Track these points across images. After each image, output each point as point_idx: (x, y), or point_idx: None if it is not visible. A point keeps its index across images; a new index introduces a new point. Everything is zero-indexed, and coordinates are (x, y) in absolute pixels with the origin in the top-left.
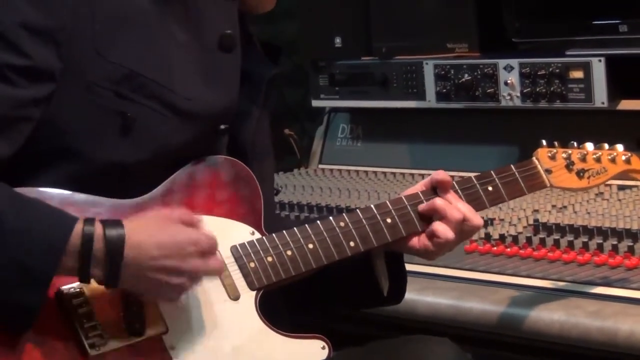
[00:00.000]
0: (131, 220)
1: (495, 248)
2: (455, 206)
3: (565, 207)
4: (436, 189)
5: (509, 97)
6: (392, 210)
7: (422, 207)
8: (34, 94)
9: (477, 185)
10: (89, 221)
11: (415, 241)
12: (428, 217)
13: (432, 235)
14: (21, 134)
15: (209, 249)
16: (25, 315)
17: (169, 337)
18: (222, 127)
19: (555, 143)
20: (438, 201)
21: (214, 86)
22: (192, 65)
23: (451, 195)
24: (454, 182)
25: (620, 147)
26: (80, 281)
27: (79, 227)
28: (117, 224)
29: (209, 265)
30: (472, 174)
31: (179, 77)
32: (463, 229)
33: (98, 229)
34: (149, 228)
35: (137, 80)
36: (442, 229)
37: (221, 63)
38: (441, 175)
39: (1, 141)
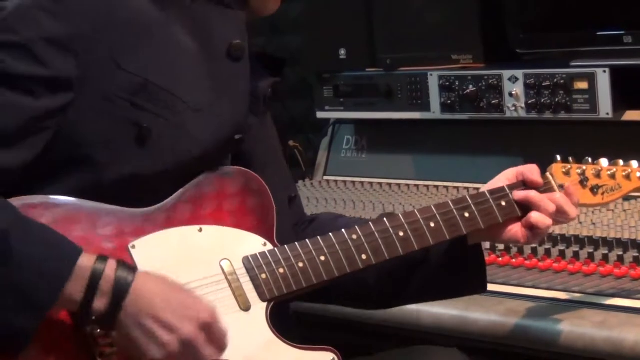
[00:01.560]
0: (146, 273)
1: (500, 259)
2: (550, 197)
3: None
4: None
5: (513, 108)
6: (405, 224)
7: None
8: (53, 104)
9: (491, 200)
10: (102, 258)
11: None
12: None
13: (532, 227)
14: (39, 143)
15: (210, 327)
16: (18, 339)
17: None
18: (237, 137)
19: (570, 159)
20: (532, 193)
21: (225, 95)
22: (201, 75)
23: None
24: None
25: (635, 164)
26: (80, 314)
27: (89, 261)
28: (130, 269)
29: (204, 345)
30: (477, 186)
31: (189, 88)
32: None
33: (110, 267)
34: (161, 285)
35: (151, 89)
36: (540, 219)
37: (230, 72)
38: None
39: (20, 150)
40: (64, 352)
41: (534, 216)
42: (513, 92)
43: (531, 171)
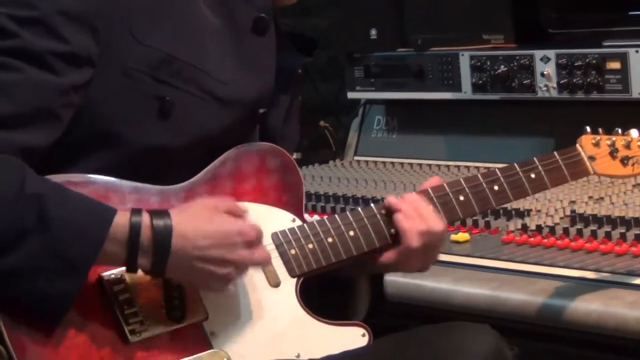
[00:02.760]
0: (178, 211)
1: (532, 239)
2: (417, 213)
3: (602, 198)
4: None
5: (545, 89)
6: (434, 198)
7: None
8: (74, 80)
9: (520, 173)
10: (136, 211)
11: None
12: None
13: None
14: (63, 120)
15: (256, 240)
16: (61, 302)
17: (209, 324)
18: (261, 111)
19: (600, 130)
20: (402, 204)
21: (250, 69)
22: (226, 49)
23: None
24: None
25: None
26: (127, 271)
27: (125, 217)
28: (164, 214)
29: (255, 256)
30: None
31: (215, 61)
32: (425, 240)
33: (145, 219)
34: (196, 218)
35: (174, 64)
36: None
37: (256, 46)
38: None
39: (44, 129)
40: (88, 312)
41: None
42: (545, 72)
43: (432, 181)
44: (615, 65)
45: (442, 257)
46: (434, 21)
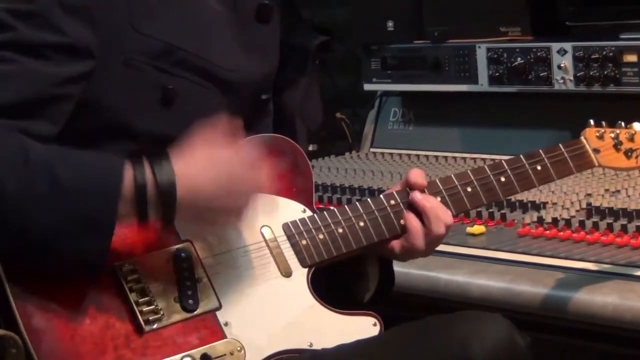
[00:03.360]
0: (180, 159)
1: (548, 232)
2: (441, 220)
3: (618, 191)
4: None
5: (562, 81)
6: (442, 190)
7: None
8: (72, 71)
9: (527, 165)
10: (139, 167)
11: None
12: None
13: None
14: (63, 112)
15: (256, 158)
16: (92, 263)
17: (222, 314)
18: (264, 97)
19: (603, 123)
20: (427, 204)
21: (253, 57)
22: (230, 37)
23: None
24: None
25: None
26: (139, 223)
27: (129, 173)
28: (167, 167)
29: (261, 179)
30: None
31: (218, 49)
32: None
33: (149, 175)
34: (198, 165)
35: (176, 53)
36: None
37: (259, 33)
38: (415, 176)
39: (43, 120)
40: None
41: (407, 216)
42: (562, 65)
43: (414, 174)
44: (632, 58)
45: (458, 249)
46: (451, 13)
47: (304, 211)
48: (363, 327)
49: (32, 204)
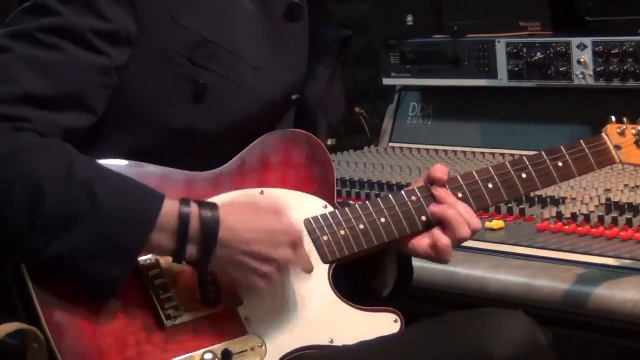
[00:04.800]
0: (226, 204)
1: (567, 227)
2: (464, 221)
3: (637, 186)
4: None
5: (581, 76)
6: (463, 186)
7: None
8: (115, 59)
9: (548, 161)
10: (185, 202)
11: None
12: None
13: (431, 238)
14: (102, 102)
15: (299, 241)
16: (107, 287)
17: (243, 309)
18: (294, 97)
19: (625, 119)
20: (450, 212)
21: (283, 56)
22: (261, 35)
23: (445, 194)
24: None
25: None
26: (174, 261)
27: (174, 207)
28: (212, 206)
29: (299, 257)
30: None
31: (249, 47)
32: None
33: (194, 209)
34: (243, 213)
35: (210, 48)
36: (442, 236)
37: (289, 32)
38: (436, 171)
39: (83, 111)
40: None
41: (437, 232)
42: (581, 60)
43: (436, 169)
44: None
45: (477, 244)
46: (471, 8)
47: (326, 207)
48: (384, 323)
49: (67, 220)
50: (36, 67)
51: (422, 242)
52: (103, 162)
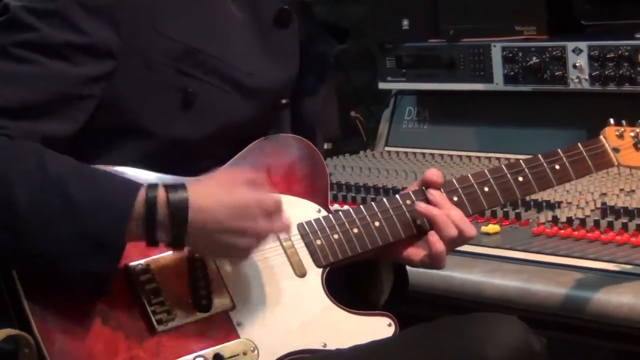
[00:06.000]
0: (195, 183)
1: (562, 231)
2: (451, 220)
3: (633, 190)
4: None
5: (577, 80)
6: (459, 189)
7: (420, 208)
8: (93, 71)
9: (545, 164)
10: (152, 187)
11: (402, 249)
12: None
13: (425, 246)
14: (82, 112)
15: (274, 209)
16: (98, 283)
17: (235, 314)
18: (283, 101)
19: (623, 122)
20: (435, 211)
21: (272, 61)
22: (250, 41)
23: (440, 198)
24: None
25: None
26: (148, 245)
27: (142, 193)
28: (180, 187)
29: (274, 225)
30: None
31: (239, 53)
32: (455, 241)
33: (161, 193)
34: (213, 191)
35: (197, 56)
36: (437, 242)
37: (278, 38)
38: (431, 175)
39: (62, 120)
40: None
41: (431, 238)
42: (577, 64)
43: (430, 173)
44: None
45: (472, 248)
46: (466, 12)
47: (319, 211)
48: (378, 327)
49: (43, 220)
50: (10, 80)
51: (417, 251)
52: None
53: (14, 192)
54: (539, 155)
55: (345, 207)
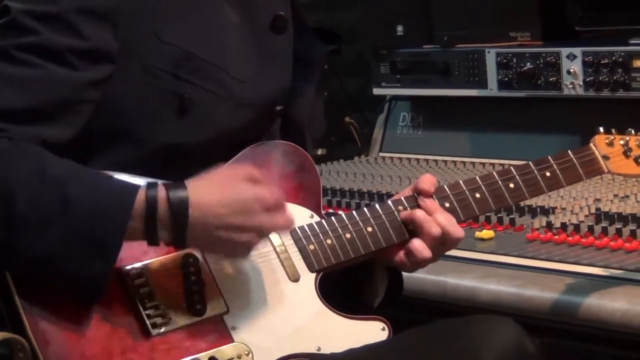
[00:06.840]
0: (194, 181)
1: (556, 236)
2: (434, 220)
3: (627, 196)
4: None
5: (571, 86)
6: (450, 195)
7: (403, 215)
8: (93, 76)
9: (535, 171)
10: (151, 186)
11: (394, 254)
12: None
13: (409, 252)
14: (81, 116)
15: (275, 204)
16: (95, 284)
17: (229, 318)
18: (278, 108)
19: (613, 130)
20: (418, 213)
21: (268, 68)
22: (246, 47)
23: (431, 205)
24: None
25: None
26: (149, 244)
27: (142, 193)
28: (180, 186)
29: (275, 221)
30: None
31: (234, 59)
32: (444, 242)
33: (161, 192)
34: (213, 188)
35: (194, 62)
36: (419, 247)
37: (274, 44)
38: (423, 182)
39: (62, 123)
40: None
41: (414, 243)
42: (571, 70)
43: (423, 180)
44: None
45: (467, 254)
46: (461, 18)
47: (312, 216)
48: (371, 331)
49: (41, 221)
50: (11, 83)
51: (399, 253)
52: None
53: (13, 193)
54: (530, 163)
55: (340, 212)
